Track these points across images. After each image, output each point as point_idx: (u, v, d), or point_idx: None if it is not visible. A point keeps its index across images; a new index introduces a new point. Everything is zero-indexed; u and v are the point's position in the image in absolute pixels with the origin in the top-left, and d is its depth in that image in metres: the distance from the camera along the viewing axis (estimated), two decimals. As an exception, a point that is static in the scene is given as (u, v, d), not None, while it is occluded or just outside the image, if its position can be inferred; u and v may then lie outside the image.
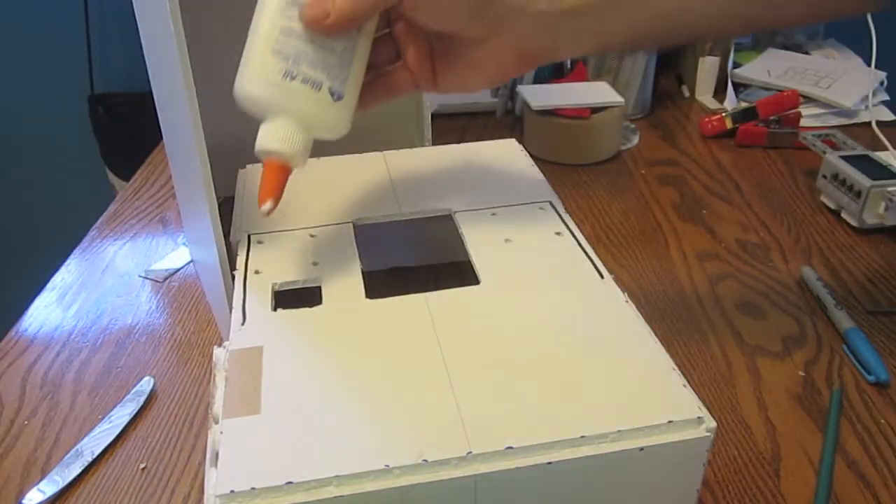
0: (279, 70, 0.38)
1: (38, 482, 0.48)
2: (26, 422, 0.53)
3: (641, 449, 0.31)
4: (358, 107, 0.41)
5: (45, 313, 0.65)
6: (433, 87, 0.44)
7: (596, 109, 0.86)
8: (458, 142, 0.58)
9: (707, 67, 1.03)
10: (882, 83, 0.99)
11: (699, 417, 0.32)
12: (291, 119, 0.39)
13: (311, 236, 0.47)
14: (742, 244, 0.72)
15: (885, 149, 0.83)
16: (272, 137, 0.38)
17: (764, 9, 0.42)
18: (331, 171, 0.54)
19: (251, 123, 0.40)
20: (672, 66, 1.11)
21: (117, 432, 0.51)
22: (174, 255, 0.73)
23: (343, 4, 0.37)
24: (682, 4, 0.40)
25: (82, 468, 0.49)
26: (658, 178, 0.85)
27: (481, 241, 0.45)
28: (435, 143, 0.65)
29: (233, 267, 0.45)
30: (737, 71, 1.05)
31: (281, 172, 0.39)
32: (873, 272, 0.67)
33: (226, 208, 0.49)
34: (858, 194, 0.71)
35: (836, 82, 1.00)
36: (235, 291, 0.42)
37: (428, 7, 0.39)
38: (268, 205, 0.39)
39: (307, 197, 0.51)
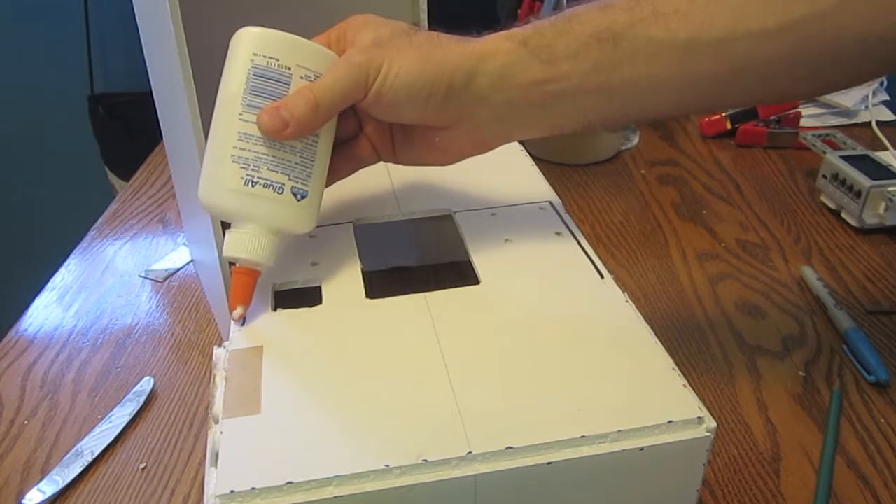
0: (240, 177, 0.38)
1: (38, 482, 0.48)
2: (26, 422, 0.53)
3: (641, 449, 0.31)
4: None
5: (45, 313, 0.65)
6: (393, 160, 0.45)
7: (596, 109, 0.86)
8: (458, 142, 0.58)
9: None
10: (882, 83, 0.99)
11: (699, 417, 0.32)
12: (256, 225, 0.39)
13: (311, 236, 0.47)
14: (742, 244, 0.72)
15: (885, 149, 0.83)
16: (238, 246, 0.39)
17: (713, 98, 0.42)
18: (331, 171, 0.54)
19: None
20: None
21: (117, 432, 0.51)
22: (174, 255, 0.73)
23: (302, 114, 0.37)
24: (636, 94, 0.40)
25: (82, 468, 0.49)
26: (658, 178, 0.85)
27: (481, 241, 0.45)
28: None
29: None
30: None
31: (250, 277, 0.40)
32: (873, 272, 0.67)
33: (226, 208, 0.49)
34: (858, 194, 0.71)
35: (836, 82, 1.00)
36: (235, 291, 0.42)
37: (382, 108, 0.40)
38: (238, 311, 0.39)
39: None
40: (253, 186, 0.38)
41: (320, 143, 0.40)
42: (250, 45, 0.38)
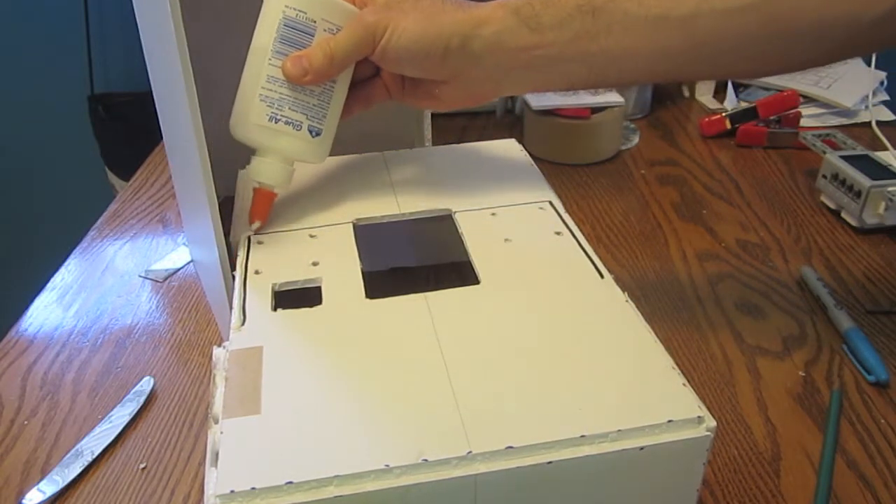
0: (265, 115, 0.45)
1: (38, 482, 0.48)
2: (26, 422, 0.53)
3: (641, 448, 0.32)
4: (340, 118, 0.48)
5: (45, 313, 0.65)
6: (402, 100, 0.51)
7: (596, 109, 0.86)
8: (458, 142, 0.58)
9: (707, 67, 1.03)
10: (882, 83, 0.99)
11: (699, 417, 0.32)
12: (276, 156, 0.46)
13: (311, 236, 0.47)
14: (742, 244, 0.72)
15: (885, 149, 0.83)
16: (260, 171, 0.46)
17: (680, 69, 0.48)
18: (331, 171, 0.54)
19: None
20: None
21: (117, 432, 0.51)
22: (174, 255, 0.73)
23: (320, 65, 0.44)
24: (611, 61, 0.45)
25: (82, 468, 0.49)
26: (658, 178, 0.85)
27: (481, 241, 0.45)
28: (435, 143, 0.65)
29: (233, 267, 0.45)
30: (737, 71, 1.04)
31: (267, 198, 0.47)
32: (873, 272, 0.67)
33: (226, 208, 0.49)
34: (858, 194, 0.71)
35: (836, 82, 1.00)
36: (235, 291, 0.42)
37: (387, 62, 0.46)
38: (256, 224, 0.47)
39: (307, 197, 0.51)
40: (276, 123, 0.45)
41: (336, 89, 0.47)
42: None
